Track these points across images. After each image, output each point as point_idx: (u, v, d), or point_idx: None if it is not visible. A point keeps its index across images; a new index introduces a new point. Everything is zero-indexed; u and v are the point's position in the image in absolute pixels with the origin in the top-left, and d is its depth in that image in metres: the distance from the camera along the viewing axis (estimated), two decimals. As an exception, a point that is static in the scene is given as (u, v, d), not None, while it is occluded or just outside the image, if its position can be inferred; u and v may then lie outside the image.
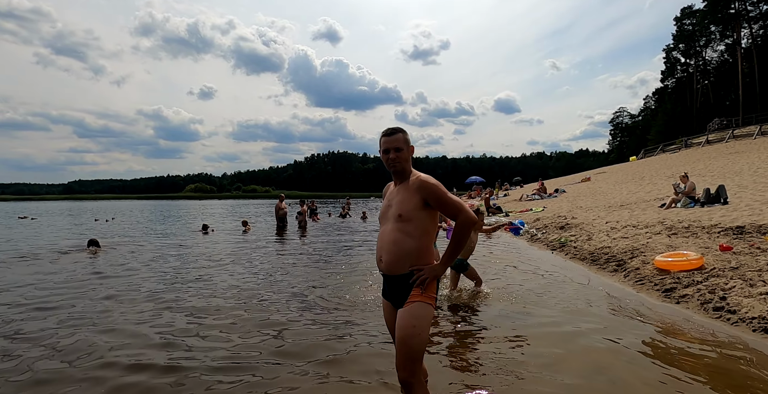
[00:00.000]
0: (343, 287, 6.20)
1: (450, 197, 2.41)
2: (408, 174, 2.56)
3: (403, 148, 2.53)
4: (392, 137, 2.54)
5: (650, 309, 4.70)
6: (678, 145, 44.42)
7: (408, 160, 2.57)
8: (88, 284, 6.85)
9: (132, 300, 5.77)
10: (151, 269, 8.10)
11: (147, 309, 5.32)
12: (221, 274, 7.50)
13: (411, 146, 2.60)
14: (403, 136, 2.56)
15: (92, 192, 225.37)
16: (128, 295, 6.07)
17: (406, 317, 2.36)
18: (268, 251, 10.45)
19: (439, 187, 2.42)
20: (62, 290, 6.36)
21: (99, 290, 6.36)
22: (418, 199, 2.42)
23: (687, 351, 3.59)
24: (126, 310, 5.30)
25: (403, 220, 2.44)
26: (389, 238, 2.48)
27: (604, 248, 7.25)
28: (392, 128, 2.59)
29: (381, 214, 2.67)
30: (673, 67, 65.89)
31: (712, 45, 58.40)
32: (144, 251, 10.73)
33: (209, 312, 5.09)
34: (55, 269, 8.27)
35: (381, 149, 2.58)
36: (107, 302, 5.66)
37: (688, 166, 25.27)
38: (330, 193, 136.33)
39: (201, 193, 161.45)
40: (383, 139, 2.56)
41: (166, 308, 5.32)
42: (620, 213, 10.78)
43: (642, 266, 5.92)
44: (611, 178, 29.15)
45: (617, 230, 8.46)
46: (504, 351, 3.73)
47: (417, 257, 2.44)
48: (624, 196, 16.20)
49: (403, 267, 2.45)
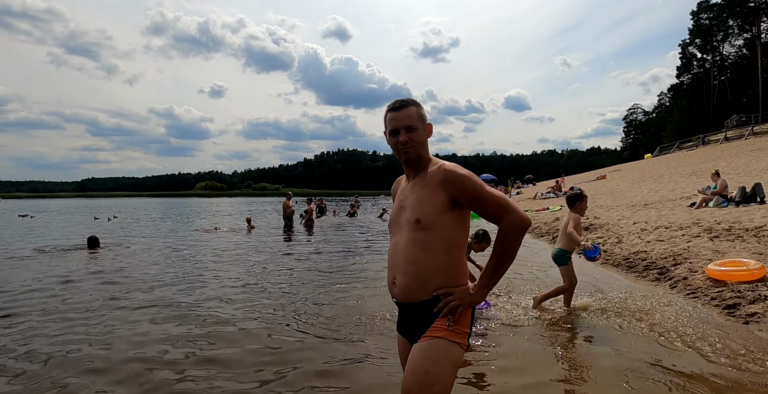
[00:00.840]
0: (349, 302, 5.60)
1: (489, 190, 1.70)
2: (426, 163, 1.86)
3: (417, 126, 1.82)
4: (402, 112, 1.82)
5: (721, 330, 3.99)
6: (695, 142, 43.28)
7: (425, 143, 1.86)
8: (49, 289, 6.38)
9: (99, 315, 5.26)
10: (137, 275, 7.42)
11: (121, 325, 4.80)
12: (214, 283, 6.86)
13: (429, 124, 1.89)
14: (417, 110, 1.85)
15: (105, 190, 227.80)
16: (90, 307, 5.56)
17: (419, 357, 1.67)
18: (271, 254, 9.92)
19: (472, 178, 1.71)
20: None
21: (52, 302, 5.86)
22: (443, 197, 1.72)
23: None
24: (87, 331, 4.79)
25: (422, 227, 1.74)
26: (404, 254, 1.79)
27: (639, 252, 6.60)
28: (402, 100, 1.86)
29: (391, 220, 1.96)
30: (689, 62, 64.44)
31: (729, 40, 56.89)
32: (135, 253, 10.26)
33: (197, 337, 4.48)
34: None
35: (387, 130, 1.88)
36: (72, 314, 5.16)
37: (708, 163, 24.39)
38: (339, 191, 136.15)
39: (211, 191, 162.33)
40: (389, 115, 1.85)
41: (144, 340, 4.76)
42: (647, 213, 10.11)
43: (690, 274, 5.27)
44: (628, 176, 28.32)
45: (648, 231, 7.80)
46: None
47: (444, 278, 1.75)
48: (645, 194, 15.48)
49: (424, 292, 1.76)
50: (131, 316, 4.97)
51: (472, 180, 1.70)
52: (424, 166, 1.85)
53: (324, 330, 4.37)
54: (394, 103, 1.86)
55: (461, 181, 1.70)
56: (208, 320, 4.77)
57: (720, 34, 57.08)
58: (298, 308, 5.23)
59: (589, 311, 4.67)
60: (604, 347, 3.72)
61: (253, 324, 4.62)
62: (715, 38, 58.06)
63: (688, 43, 62.47)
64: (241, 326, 4.57)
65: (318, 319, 4.73)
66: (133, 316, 4.97)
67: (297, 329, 4.44)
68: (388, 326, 4.31)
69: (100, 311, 5.18)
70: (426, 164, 1.85)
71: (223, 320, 4.75)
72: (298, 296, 5.81)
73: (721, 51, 58.76)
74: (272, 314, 5.02)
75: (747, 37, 53.35)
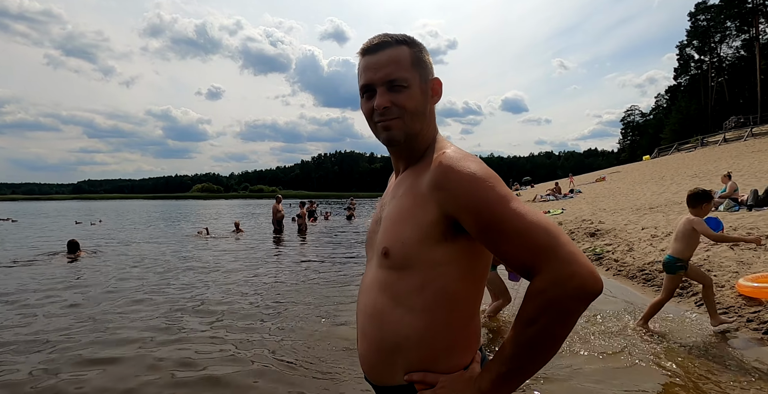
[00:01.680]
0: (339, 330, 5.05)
1: (517, 209, 0.89)
2: (422, 148, 1.11)
3: (408, 80, 1.04)
4: (381, 55, 1.05)
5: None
6: (693, 143, 42.97)
7: (422, 113, 1.08)
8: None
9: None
10: (94, 290, 6.64)
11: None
12: (178, 298, 6.28)
13: (434, 79, 1.11)
14: (410, 51, 1.06)
15: (101, 192, 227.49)
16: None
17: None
18: (252, 264, 9.37)
19: (487, 182, 0.92)
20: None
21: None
22: (434, 213, 0.97)
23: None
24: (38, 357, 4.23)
25: (393, 264, 1.02)
26: (366, 303, 1.10)
27: (654, 262, 6.05)
28: (383, 36, 1.08)
29: (367, 237, 1.23)
30: (686, 64, 64.27)
31: (727, 41, 56.70)
32: (109, 261, 9.69)
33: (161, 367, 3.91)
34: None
35: (360, 85, 1.10)
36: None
37: (710, 165, 23.99)
38: (336, 193, 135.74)
39: (208, 193, 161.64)
40: (362, 61, 1.08)
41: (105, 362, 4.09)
42: (653, 217, 9.60)
43: (717, 290, 4.74)
44: (627, 177, 27.88)
45: (660, 238, 7.28)
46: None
47: (424, 352, 1.00)
48: (648, 197, 15.00)
49: (391, 372, 1.04)
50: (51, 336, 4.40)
51: (486, 185, 0.90)
52: (419, 152, 1.10)
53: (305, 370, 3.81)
54: (369, 41, 1.07)
55: (464, 186, 0.91)
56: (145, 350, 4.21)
57: (718, 36, 56.89)
58: (273, 337, 4.63)
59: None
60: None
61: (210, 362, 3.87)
62: (712, 40, 57.86)
63: (685, 44, 62.29)
64: (202, 366, 3.80)
65: (297, 356, 3.92)
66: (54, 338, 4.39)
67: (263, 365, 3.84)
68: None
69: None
70: (422, 150, 1.10)
71: (173, 360, 3.91)
72: (276, 321, 5.18)
73: (718, 52, 58.55)
74: (236, 351, 3.99)
75: (745, 38, 53.14)
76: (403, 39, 1.07)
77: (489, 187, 0.90)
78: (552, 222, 0.89)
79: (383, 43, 1.06)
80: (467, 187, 0.91)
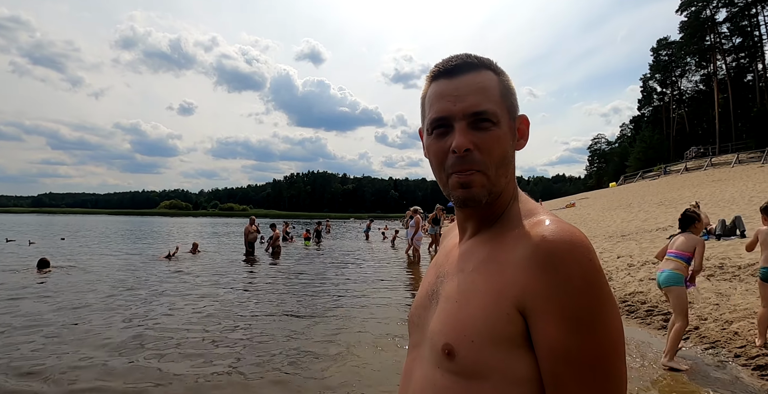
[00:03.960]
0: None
1: (619, 349, 0.63)
2: (501, 210, 0.81)
3: (497, 115, 0.76)
4: (459, 81, 0.77)
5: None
6: (657, 172, 44.64)
7: (510, 162, 0.80)
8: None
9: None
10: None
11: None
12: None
13: (522, 117, 0.84)
14: (498, 79, 0.79)
15: (63, 206, 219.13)
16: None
17: None
18: (223, 289, 9.04)
19: (603, 290, 0.64)
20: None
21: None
22: (503, 308, 0.67)
23: None
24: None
25: (461, 369, 0.69)
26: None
27: (635, 293, 6.08)
28: (462, 57, 0.79)
29: (413, 313, 0.89)
30: (649, 95, 67.23)
31: (687, 75, 59.74)
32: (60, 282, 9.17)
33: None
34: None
35: (427, 120, 0.81)
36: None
37: (674, 193, 24.83)
38: (308, 213, 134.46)
39: (176, 210, 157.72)
40: (435, 85, 0.80)
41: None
42: (627, 245, 9.76)
43: (700, 323, 4.75)
44: (596, 204, 28.55)
45: (636, 267, 7.37)
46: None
47: None
48: (618, 224, 15.33)
49: None
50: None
51: (602, 293, 0.64)
52: (498, 213, 0.81)
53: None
54: (445, 62, 0.80)
55: (574, 284, 0.63)
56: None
57: (678, 70, 59.87)
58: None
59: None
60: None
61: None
62: (673, 73, 60.84)
63: (648, 77, 65.30)
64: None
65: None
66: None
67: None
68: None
69: None
70: (502, 211, 0.81)
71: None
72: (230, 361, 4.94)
73: (679, 86, 61.53)
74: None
75: (704, 73, 56.08)
76: (489, 62, 0.81)
77: (605, 299, 0.63)
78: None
79: (466, 65, 0.78)
80: (578, 287, 0.62)
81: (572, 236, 0.66)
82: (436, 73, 0.80)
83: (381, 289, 8.49)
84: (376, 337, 5.13)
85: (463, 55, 0.80)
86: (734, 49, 49.79)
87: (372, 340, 5.02)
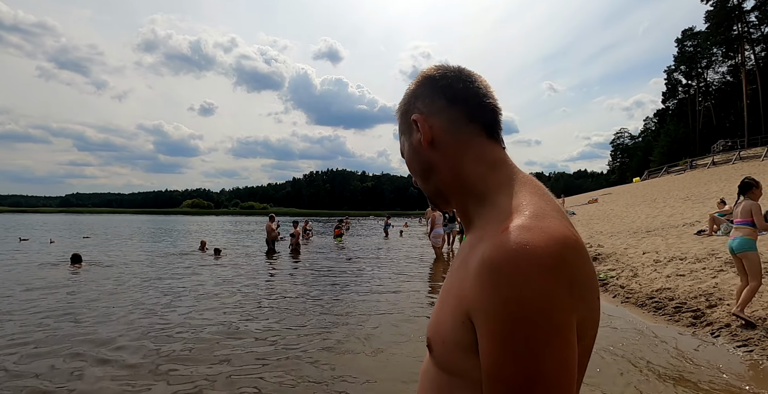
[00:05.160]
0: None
1: (540, 365, 0.55)
2: (468, 207, 0.77)
3: (402, 132, 0.85)
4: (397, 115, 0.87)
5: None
6: (682, 166, 43.53)
7: (427, 169, 0.80)
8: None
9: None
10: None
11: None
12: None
13: (416, 118, 0.79)
14: (402, 104, 0.85)
15: (89, 205, 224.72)
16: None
17: None
18: (248, 287, 9.12)
19: (528, 315, 0.55)
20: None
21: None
22: (459, 315, 0.65)
23: None
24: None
25: (439, 363, 0.71)
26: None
27: (663, 289, 5.96)
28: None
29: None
30: (674, 88, 65.58)
31: (713, 67, 58.09)
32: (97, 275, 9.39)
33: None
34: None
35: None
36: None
37: (701, 187, 24.21)
38: (328, 211, 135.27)
39: (198, 209, 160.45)
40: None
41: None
42: (653, 241, 9.55)
43: (733, 320, 4.63)
44: (620, 200, 28.03)
45: (663, 263, 7.21)
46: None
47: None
48: (643, 220, 15.01)
49: None
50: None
51: (535, 319, 0.55)
52: (471, 215, 0.77)
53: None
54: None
55: (493, 284, 0.58)
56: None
57: (704, 61, 58.26)
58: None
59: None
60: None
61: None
62: (699, 65, 59.22)
63: (673, 69, 63.67)
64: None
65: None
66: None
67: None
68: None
69: None
70: (472, 212, 0.77)
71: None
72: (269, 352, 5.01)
73: (705, 77, 59.89)
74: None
75: (731, 64, 54.45)
76: (407, 93, 0.86)
77: (542, 327, 0.55)
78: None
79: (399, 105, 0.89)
80: (510, 312, 0.56)
81: (523, 250, 0.58)
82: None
83: (402, 283, 8.49)
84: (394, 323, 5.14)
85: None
86: (763, 39, 48.15)
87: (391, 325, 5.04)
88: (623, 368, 3.93)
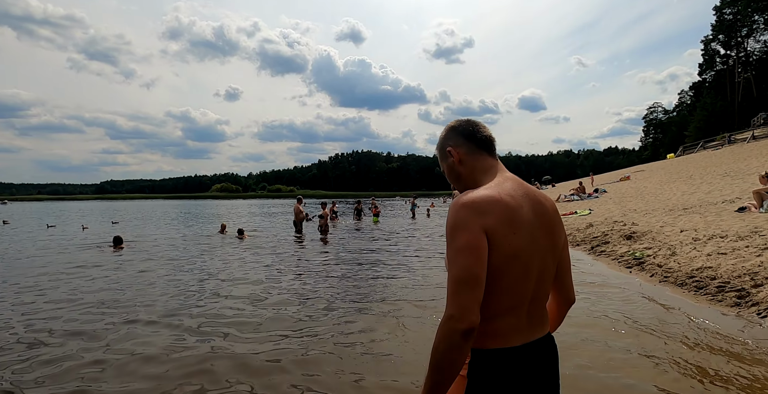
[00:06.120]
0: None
1: (458, 247, 1.20)
2: (464, 187, 1.51)
3: (442, 163, 1.54)
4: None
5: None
6: (720, 141, 41.75)
7: (456, 178, 1.49)
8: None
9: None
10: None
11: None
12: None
13: (451, 150, 1.46)
14: (440, 144, 1.54)
15: (123, 192, 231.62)
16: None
17: None
18: (279, 268, 9.25)
19: (455, 214, 1.24)
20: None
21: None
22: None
23: None
24: None
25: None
26: None
27: (703, 268, 5.74)
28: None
29: None
30: (711, 59, 62.58)
31: (755, 35, 55.03)
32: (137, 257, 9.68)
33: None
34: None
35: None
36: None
37: (740, 163, 23.20)
38: (354, 193, 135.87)
39: (226, 193, 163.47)
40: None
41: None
42: (690, 219, 9.22)
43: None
44: (653, 177, 27.16)
45: (702, 241, 6.94)
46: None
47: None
48: (679, 197, 14.51)
49: None
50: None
51: (452, 217, 1.25)
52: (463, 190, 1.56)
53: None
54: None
55: (448, 214, 1.27)
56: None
57: (744, 30, 55.26)
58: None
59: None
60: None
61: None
62: (739, 34, 56.22)
63: (710, 39, 60.64)
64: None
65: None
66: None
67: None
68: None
69: None
70: (464, 189, 1.52)
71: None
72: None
73: (745, 47, 56.89)
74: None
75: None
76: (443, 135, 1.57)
77: (451, 219, 1.24)
78: (465, 268, 1.16)
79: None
80: (448, 222, 1.26)
81: (459, 199, 1.26)
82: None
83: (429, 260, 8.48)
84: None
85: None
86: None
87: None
88: (672, 350, 3.83)
